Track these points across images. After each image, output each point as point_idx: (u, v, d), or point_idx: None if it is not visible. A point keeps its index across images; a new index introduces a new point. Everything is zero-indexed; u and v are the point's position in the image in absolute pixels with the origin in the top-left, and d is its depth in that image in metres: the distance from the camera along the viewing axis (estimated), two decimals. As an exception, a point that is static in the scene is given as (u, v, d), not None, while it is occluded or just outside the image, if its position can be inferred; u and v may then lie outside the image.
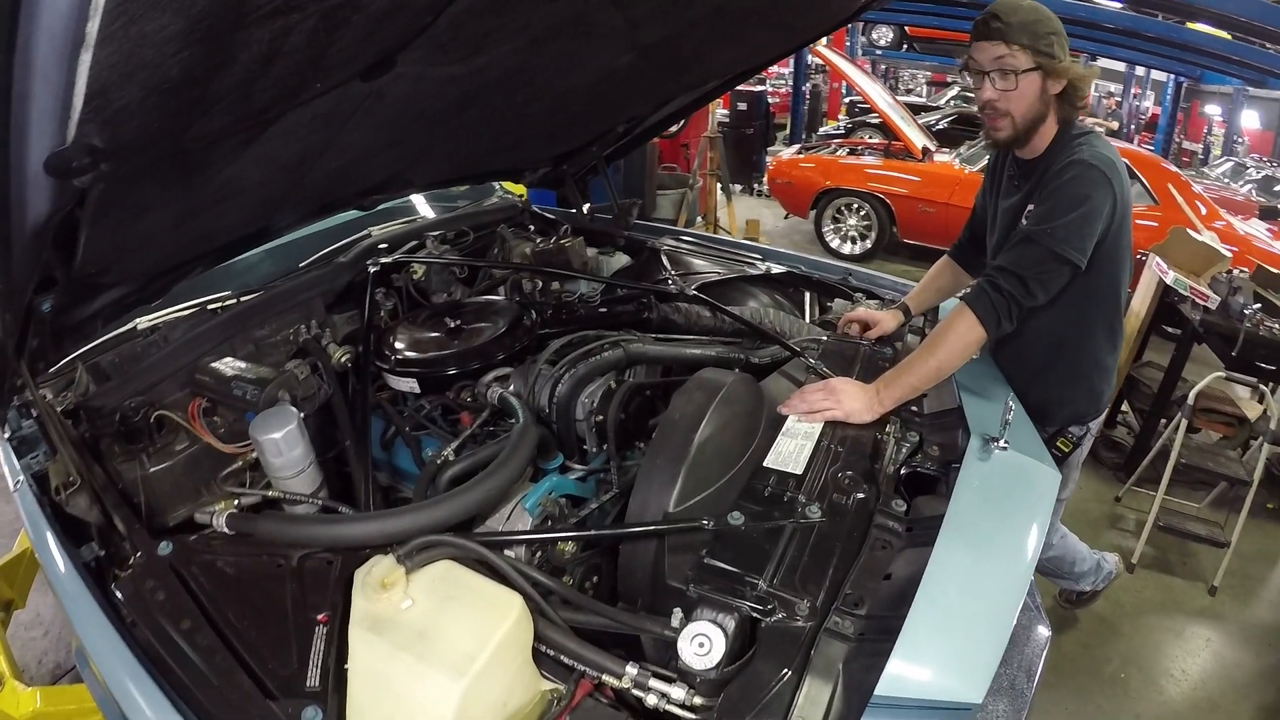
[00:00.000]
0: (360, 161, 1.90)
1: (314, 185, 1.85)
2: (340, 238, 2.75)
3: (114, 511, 1.48)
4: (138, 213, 1.42)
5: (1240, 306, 4.08)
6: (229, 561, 1.44)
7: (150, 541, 1.44)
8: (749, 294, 3.06)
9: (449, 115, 1.86)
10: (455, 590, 1.30)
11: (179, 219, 1.56)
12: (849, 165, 8.31)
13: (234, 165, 1.43)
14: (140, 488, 1.65)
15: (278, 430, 1.66)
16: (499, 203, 3.46)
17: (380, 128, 1.68)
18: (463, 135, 2.15)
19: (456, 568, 1.37)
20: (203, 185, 1.49)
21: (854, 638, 1.26)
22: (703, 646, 1.23)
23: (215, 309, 2.18)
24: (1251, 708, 3.10)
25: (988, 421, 1.78)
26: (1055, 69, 1.82)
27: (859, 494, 1.58)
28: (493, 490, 1.55)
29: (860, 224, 8.28)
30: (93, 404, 1.73)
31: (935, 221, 7.80)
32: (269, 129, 1.38)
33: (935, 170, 7.92)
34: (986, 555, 1.43)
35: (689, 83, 2.80)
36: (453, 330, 2.21)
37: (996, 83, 1.85)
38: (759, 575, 1.34)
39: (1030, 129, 1.91)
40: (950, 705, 1.19)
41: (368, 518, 1.43)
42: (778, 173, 8.54)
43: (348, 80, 1.33)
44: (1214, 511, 4.13)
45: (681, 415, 1.67)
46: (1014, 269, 1.82)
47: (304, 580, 1.40)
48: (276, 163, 1.58)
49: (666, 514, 1.51)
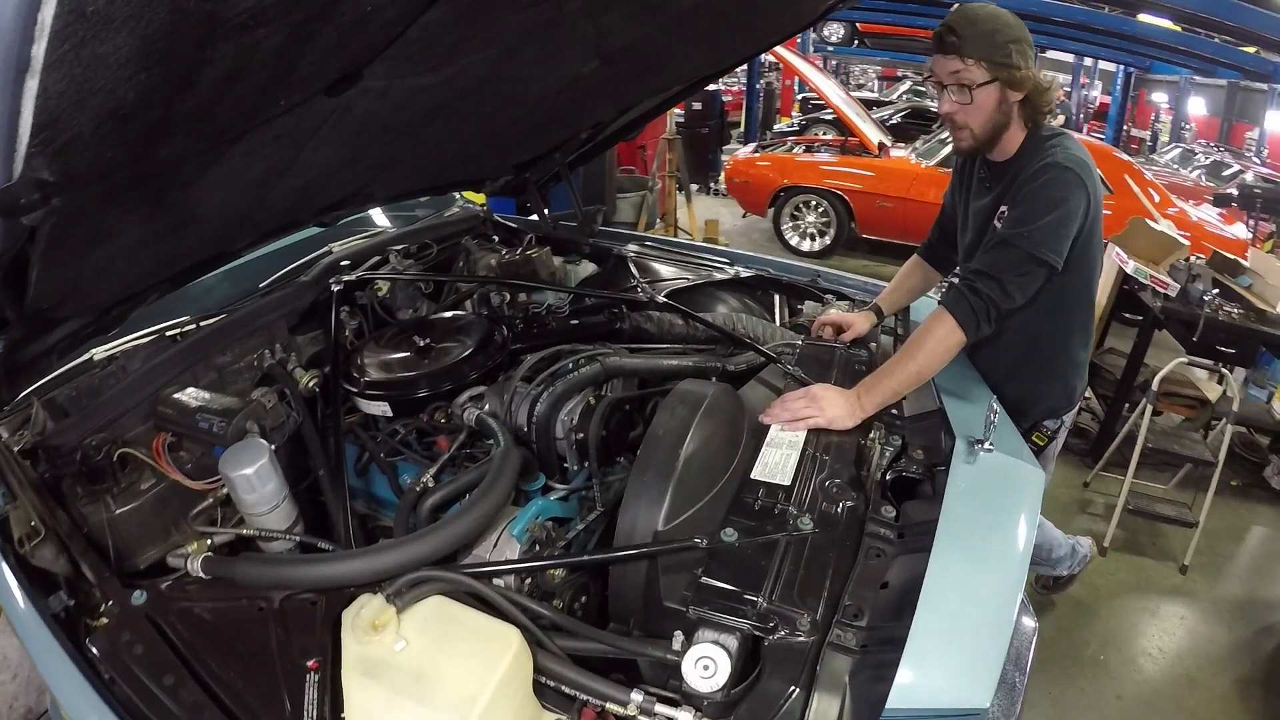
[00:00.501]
0: (323, 178, 1.83)
1: (276, 205, 1.78)
2: (299, 256, 2.65)
3: (82, 559, 1.41)
4: (92, 244, 1.34)
5: (1200, 293, 4.20)
6: (207, 608, 1.37)
7: (123, 591, 1.37)
8: (718, 299, 3.04)
9: (415, 127, 1.80)
10: (449, 628, 1.26)
11: (136, 247, 1.49)
12: (806, 163, 8.37)
13: (193, 189, 1.37)
14: (107, 531, 1.57)
15: (249, 466, 1.59)
16: (460, 213, 3.39)
17: (344, 144, 1.62)
18: (428, 147, 2.09)
19: (448, 603, 1.32)
20: (161, 212, 1.41)
21: (857, 650, 1.26)
22: (707, 669, 1.21)
23: (174, 336, 2.09)
24: (1228, 681, 3.20)
25: (970, 423, 1.78)
26: (1014, 79, 1.82)
27: (848, 502, 1.57)
28: (480, 519, 1.50)
29: (819, 221, 8.34)
30: (51, 443, 1.64)
31: (893, 216, 7.91)
32: (230, 150, 1.32)
33: (892, 165, 8.02)
34: (982, 559, 1.43)
35: (654, 87, 2.77)
36: (423, 349, 2.15)
37: (954, 96, 1.85)
38: (757, 592, 1.32)
39: (992, 138, 1.92)
40: (959, 712, 1.20)
41: (352, 555, 1.38)
42: (735, 172, 8.56)
43: (313, 96, 1.27)
44: (1180, 492, 4.25)
45: (665, 431, 1.64)
46: (991, 272, 1.82)
47: (288, 623, 1.34)
48: (237, 184, 1.51)
49: (656, 532, 1.48)
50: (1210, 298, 4.18)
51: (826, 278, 2.98)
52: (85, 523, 1.57)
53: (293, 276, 2.46)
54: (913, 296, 2.56)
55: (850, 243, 8.39)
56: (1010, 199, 1.89)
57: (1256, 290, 4.46)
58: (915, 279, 2.52)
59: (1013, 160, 1.95)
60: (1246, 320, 4.17)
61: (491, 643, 1.23)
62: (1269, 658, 3.34)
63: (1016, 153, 1.95)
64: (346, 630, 1.25)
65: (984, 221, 2.02)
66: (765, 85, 12.62)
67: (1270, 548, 4.16)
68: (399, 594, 1.29)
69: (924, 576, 1.34)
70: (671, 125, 6.68)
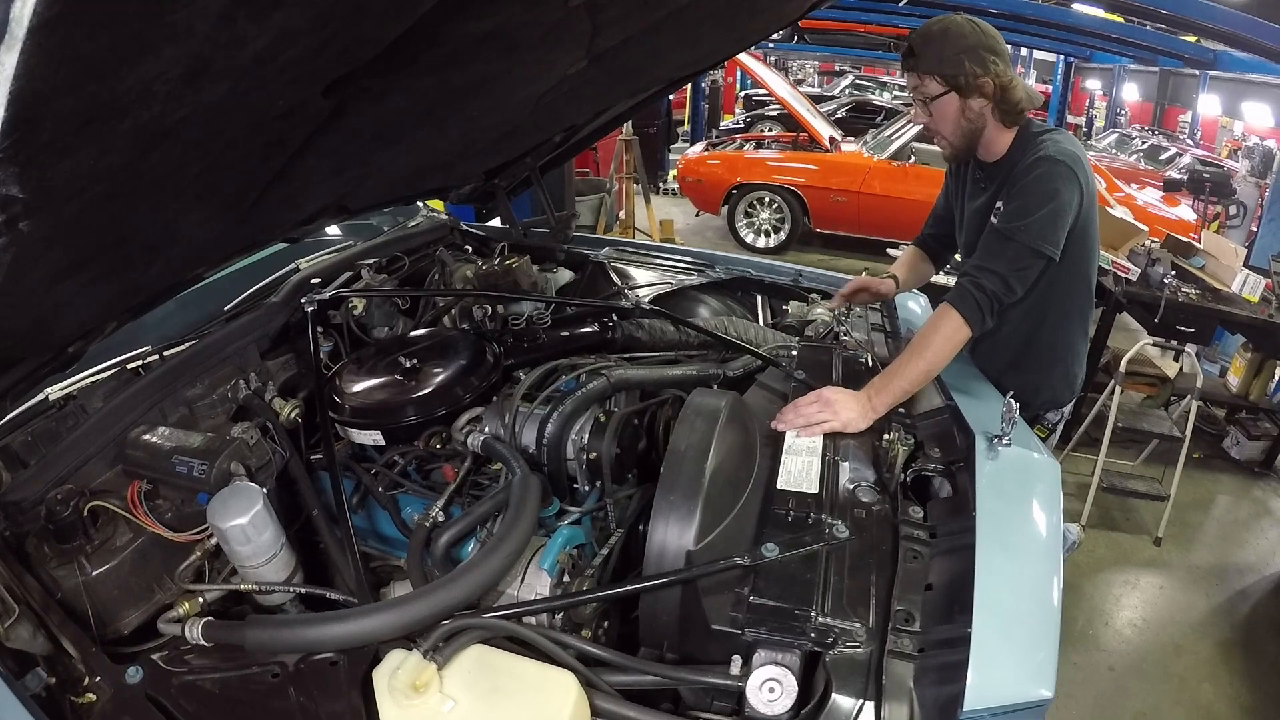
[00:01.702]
0: (300, 192, 1.69)
1: (255, 220, 1.63)
2: (261, 275, 2.48)
3: (62, 634, 1.24)
4: (58, 278, 1.19)
5: (1160, 276, 4.35)
6: (213, 680, 1.23)
7: (114, 668, 1.21)
8: (701, 302, 2.98)
9: (403, 132, 1.68)
10: (499, 680, 1.15)
11: (104, 276, 1.32)
12: (759, 160, 8.38)
13: (174, 204, 1.22)
14: (84, 595, 1.40)
15: (242, 515, 1.44)
16: (426, 223, 3.24)
17: (332, 152, 1.49)
18: (408, 155, 1.97)
19: (490, 652, 1.22)
20: (135, 233, 1.26)
21: (916, 655, 1.24)
22: (773, 691, 1.17)
23: (136, 369, 1.91)
24: (1211, 645, 3.36)
25: (984, 419, 1.77)
26: (969, 85, 1.87)
27: (875, 506, 1.55)
28: (512, 554, 1.39)
29: (773, 217, 8.36)
30: (11, 498, 1.47)
31: (848, 210, 7.98)
32: (221, 156, 1.18)
33: (844, 160, 8.08)
34: (1022, 553, 1.43)
35: (633, 89, 2.70)
36: (410, 370, 2.02)
37: (919, 110, 1.96)
38: (809, 606, 1.28)
39: (969, 144, 1.98)
40: (1029, 704, 1.19)
41: (379, 609, 1.24)
42: (687, 171, 8.53)
43: (309, 95, 1.13)
44: (1148, 468, 4.40)
45: (687, 446, 1.56)
46: (994, 268, 1.84)
47: (309, 689, 1.21)
48: (218, 198, 1.36)
49: (689, 553, 1.41)
50: (1170, 280, 4.33)
51: (809, 277, 2.95)
52: (59, 588, 1.41)
53: (259, 298, 2.29)
54: (919, 281, 2.61)
55: (805, 238, 8.44)
56: (1005, 195, 1.91)
57: (1210, 270, 4.65)
58: (920, 265, 2.55)
59: (1004, 159, 1.99)
60: (1204, 300, 4.34)
61: (549, 693, 1.13)
62: (1245, 620, 3.53)
63: (1008, 151, 1.98)
64: (383, 694, 1.13)
65: (981, 220, 2.05)
66: (710, 83, 12.61)
67: (1235, 515, 4.38)
68: (437, 648, 1.17)
69: (968, 575, 1.34)
70: (628, 126, 6.56)
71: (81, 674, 1.26)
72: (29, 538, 1.49)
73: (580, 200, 6.88)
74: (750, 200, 8.34)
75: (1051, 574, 1.40)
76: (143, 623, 1.50)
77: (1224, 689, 3.13)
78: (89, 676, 1.25)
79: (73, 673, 1.27)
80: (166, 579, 1.55)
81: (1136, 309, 4.38)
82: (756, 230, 8.45)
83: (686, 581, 1.36)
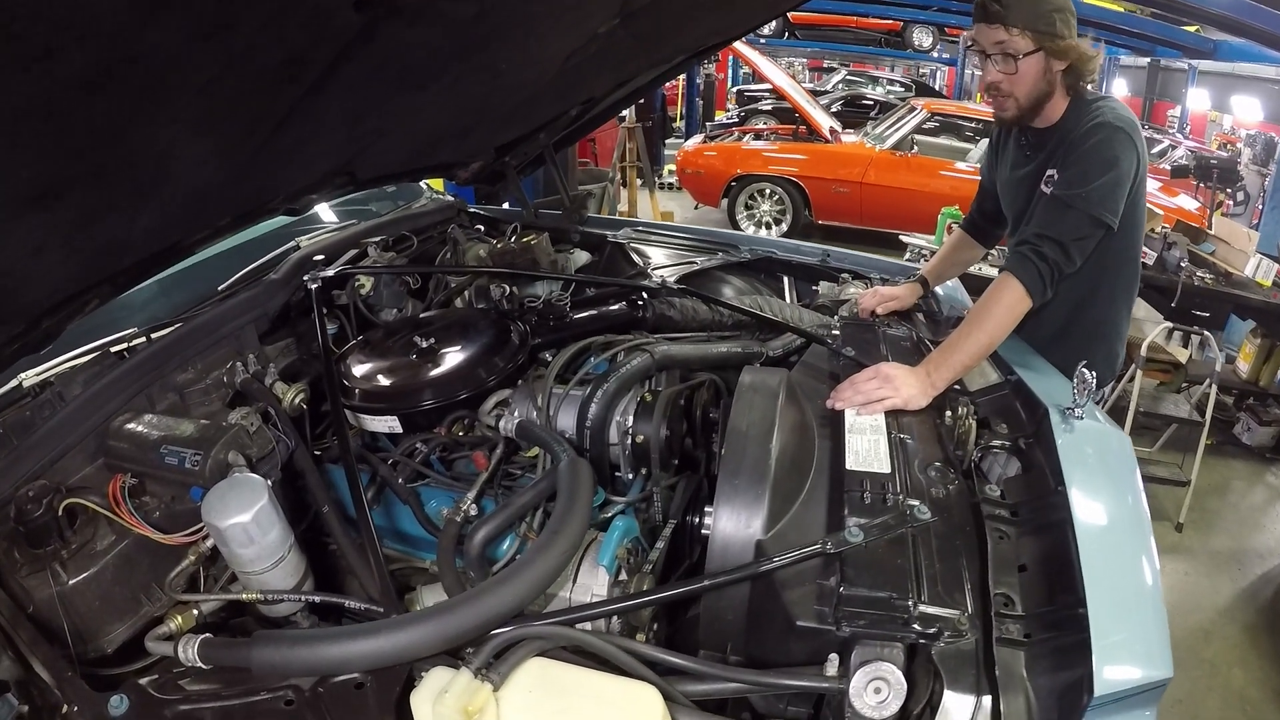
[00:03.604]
0: (312, 140, 1.48)
1: (254, 177, 1.42)
2: (257, 255, 2.26)
3: (32, 655, 1.03)
4: (22, 205, 0.97)
5: (1176, 261, 4.35)
6: (214, 710, 1.01)
7: (94, 697, 1.00)
8: (726, 283, 2.83)
9: (428, 77, 1.48)
10: (567, 699, 0.95)
11: (79, 219, 1.11)
12: (761, 151, 8.26)
13: (169, 129, 1.00)
14: (59, 608, 1.19)
15: (245, 511, 1.23)
16: (430, 204, 3.03)
17: (351, 89, 1.28)
18: (427, 110, 1.77)
19: (552, 665, 1.02)
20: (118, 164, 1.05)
21: (1024, 641, 1.17)
22: (879, 692, 1.06)
23: (120, 352, 1.69)
24: (1238, 629, 3.36)
25: (1054, 392, 1.70)
26: (1058, 48, 1.80)
27: (951, 485, 1.45)
28: (568, 550, 1.21)
29: (774, 209, 8.21)
30: (-26, 497, 1.26)
31: (850, 201, 7.85)
32: (227, 68, 0.97)
33: (847, 151, 7.97)
34: (1119, 528, 1.37)
35: (656, 57, 2.53)
36: (428, 351, 1.81)
37: (998, 65, 1.83)
38: (905, 595, 1.17)
39: (1035, 107, 1.90)
40: (1151, 684, 1.13)
41: (415, 620, 1.03)
42: (687, 163, 8.39)
43: (340, 3, 0.93)
44: (1165, 454, 4.38)
45: (749, 425, 1.46)
46: (1055, 236, 1.78)
47: (330, 717, 1.00)
48: (220, 131, 1.16)
49: (759, 543, 1.29)
50: (1185, 265, 4.34)
51: (836, 256, 2.85)
52: (30, 600, 1.20)
53: (257, 276, 2.07)
54: (959, 270, 2.55)
55: (806, 230, 8.28)
56: (1060, 162, 1.85)
57: (1220, 256, 4.69)
58: (963, 252, 2.47)
59: (1058, 125, 1.93)
60: (1218, 285, 4.37)
61: (630, 711, 0.94)
62: (1269, 604, 3.53)
63: (1061, 117, 1.93)
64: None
65: (1031, 188, 1.99)
66: (705, 78, 12.47)
67: (1251, 500, 4.40)
68: (490, 664, 0.96)
69: (1065, 554, 1.28)
70: (631, 114, 6.37)
71: (58, 701, 1.04)
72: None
73: (582, 189, 6.67)
74: (751, 192, 8.19)
75: (1148, 548, 1.33)
76: (128, 640, 1.29)
77: (1254, 673, 3.12)
78: (66, 705, 1.03)
79: (47, 700, 1.06)
80: (155, 588, 1.34)
81: (1151, 294, 4.37)
82: (757, 222, 8.28)
83: (766, 573, 1.22)
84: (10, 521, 1.25)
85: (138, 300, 2.08)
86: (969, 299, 2.48)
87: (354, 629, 1.04)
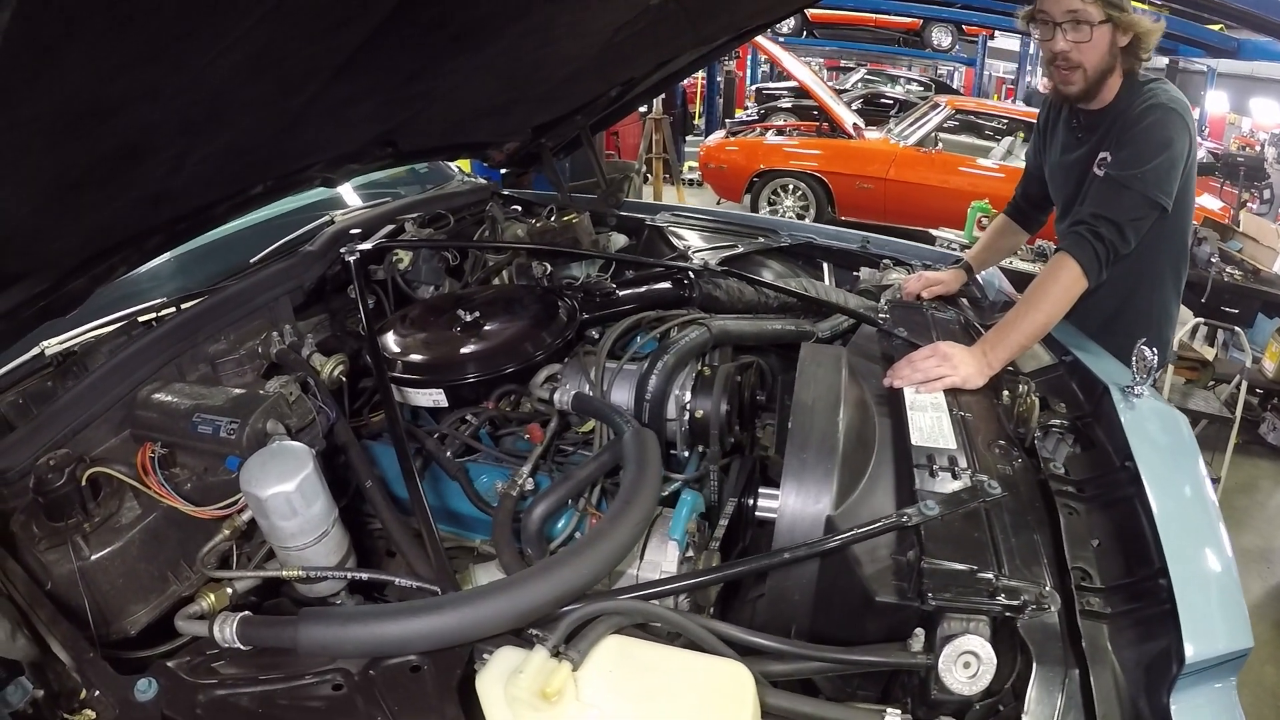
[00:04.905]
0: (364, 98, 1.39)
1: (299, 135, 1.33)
2: (288, 230, 2.17)
3: (50, 634, 0.92)
4: (69, 122, 0.86)
5: (1207, 256, 4.37)
6: (252, 695, 0.90)
7: (118, 680, 0.89)
8: (766, 267, 2.76)
9: (484, 39, 1.42)
10: (650, 678, 0.87)
11: (124, 153, 1.01)
12: (784, 146, 8.15)
13: (224, 60, 0.90)
14: (81, 585, 1.08)
15: (288, 480, 1.13)
16: (463, 184, 2.94)
17: (410, 44, 1.20)
18: (474, 83, 1.73)
19: (632, 643, 0.93)
20: (183, 85, 0.95)
21: (1106, 614, 1.17)
22: (969, 667, 1.03)
23: (149, 321, 1.60)
24: (1268, 627, 3.35)
25: (1111, 371, 1.72)
26: (1124, 21, 1.80)
27: (1016, 462, 1.45)
28: (641, 522, 1.13)
29: (797, 205, 8.10)
30: (-6, 466, 1.16)
31: (874, 197, 7.73)
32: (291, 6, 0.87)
33: (871, 147, 7.86)
34: (1190, 502, 1.38)
35: (702, 36, 2.47)
36: (472, 324, 1.71)
37: (1069, 34, 1.81)
38: (985, 568, 1.14)
39: (1100, 81, 1.88)
40: (1234, 655, 1.12)
41: (481, 595, 0.92)
42: (709, 157, 8.29)
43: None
44: None
45: (815, 399, 1.43)
46: (1111, 216, 1.76)
47: (384, 702, 0.90)
48: (273, 74, 1.07)
49: (829, 519, 1.26)
50: (1215, 260, 4.35)
51: (876, 243, 2.79)
52: (49, 576, 1.09)
53: (292, 248, 1.98)
54: (1003, 256, 2.57)
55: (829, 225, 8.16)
56: (1113, 143, 1.84)
57: (1248, 253, 4.72)
58: (1006, 238, 2.45)
59: (1110, 106, 1.91)
60: (1247, 281, 4.35)
61: (721, 691, 0.86)
62: None
63: (1114, 98, 1.91)
64: (496, 705, 0.82)
65: (1082, 172, 1.97)
66: (726, 75, 12.37)
67: (1277, 499, 4.37)
68: (567, 641, 0.86)
69: (1136, 528, 1.29)
70: (657, 104, 6.26)
71: (76, 686, 0.94)
72: (14, 515, 1.18)
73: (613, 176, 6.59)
74: (774, 187, 8.07)
75: (1218, 521, 1.33)
76: (153, 621, 1.19)
77: (1286, 672, 3.08)
78: (85, 689, 0.93)
79: (65, 684, 0.96)
80: (184, 566, 1.24)
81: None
82: (780, 218, 8.17)
83: (844, 546, 1.19)
84: (29, 492, 1.15)
85: (165, 272, 1.99)
86: (1011, 287, 2.43)
87: (413, 605, 0.94)
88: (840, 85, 13.54)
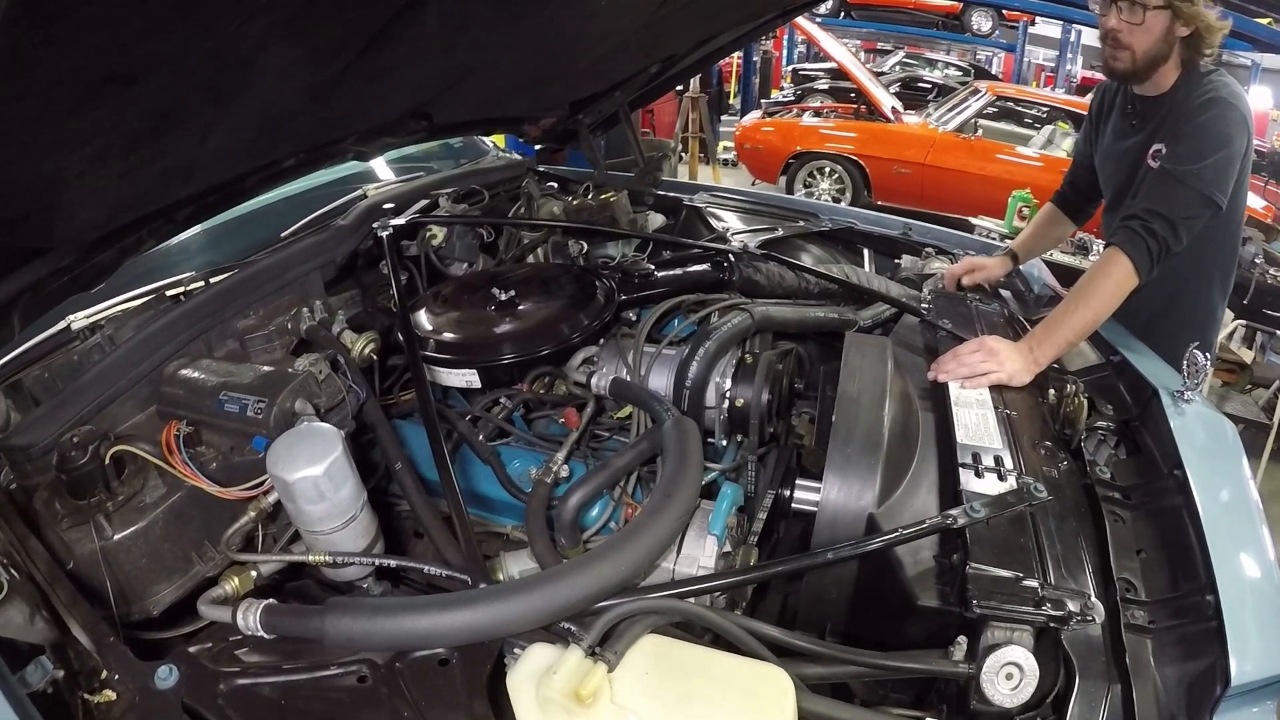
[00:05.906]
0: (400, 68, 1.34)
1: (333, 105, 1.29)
2: (319, 204, 2.13)
3: (70, 615, 0.89)
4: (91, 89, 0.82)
5: (1251, 257, 4.21)
6: (276, 685, 0.87)
7: (138, 666, 0.86)
8: (805, 251, 2.68)
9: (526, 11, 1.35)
10: (690, 682, 0.83)
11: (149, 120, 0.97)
12: (822, 128, 8.02)
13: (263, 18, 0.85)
14: (103, 565, 1.05)
15: (316, 463, 1.08)
16: (498, 160, 2.89)
17: (450, 12, 1.14)
18: (513, 54, 1.68)
19: (669, 644, 0.90)
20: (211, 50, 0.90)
21: (1149, 628, 1.14)
22: (1011, 679, 1.00)
23: (176, 296, 1.57)
24: None
25: (1160, 373, 1.68)
26: (1185, 12, 1.75)
27: (1061, 464, 1.40)
28: (682, 515, 1.09)
29: (833, 188, 7.96)
30: (17, 442, 1.15)
31: (911, 183, 7.57)
32: None
33: (910, 131, 7.69)
34: (1238, 516, 1.33)
35: (746, 13, 2.40)
36: (508, 304, 1.66)
37: (1123, 13, 1.77)
38: (1030, 575, 1.10)
39: (1149, 66, 1.83)
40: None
41: (515, 589, 0.88)
42: (745, 138, 8.18)
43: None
44: None
45: (860, 391, 1.39)
46: (1165, 212, 1.70)
47: (410, 696, 0.86)
48: (310, 41, 1.02)
49: (871, 516, 1.23)
50: (1259, 261, 4.20)
51: (918, 231, 2.70)
52: (71, 555, 1.06)
53: (323, 222, 1.94)
54: (1050, 246, 2.53)
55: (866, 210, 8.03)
56: (1170, 135, 1.79)
57: None
58: (1054, 228, 2.38)
59: (1168, 95, 1.86)
60: None
61: (760, 695, 0.83)
62: None
63: (1173, 87, 1.85)
64: (527, 704, 0.78)
65: (1135, 160, 1.92)
66: (763, 55, 12.20)
67: None
68: (604, 641, 0.82)
69: (1184, 539, 1.25)
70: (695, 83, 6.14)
71: (97, 665, 0.91)
72: (38, 492, 1.15)
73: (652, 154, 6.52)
74: (810, 170, 7.94)
75: (1268, 541, 1.29)
76: (176, 602, 1.16)
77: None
78: (105, 671, 0.90)
79: (88, 664, 0.93)
80: (208, 546, 1.21)
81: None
82: (818, 201, 8.05)
83: (889, 546, 1.15)
84: (52, 470, 1.12)
85: (194, 245, 1.96)
86: (1055, 281, 2.36)
87: (444, 598, 0.90)
88: (877, 68, 13.32)
